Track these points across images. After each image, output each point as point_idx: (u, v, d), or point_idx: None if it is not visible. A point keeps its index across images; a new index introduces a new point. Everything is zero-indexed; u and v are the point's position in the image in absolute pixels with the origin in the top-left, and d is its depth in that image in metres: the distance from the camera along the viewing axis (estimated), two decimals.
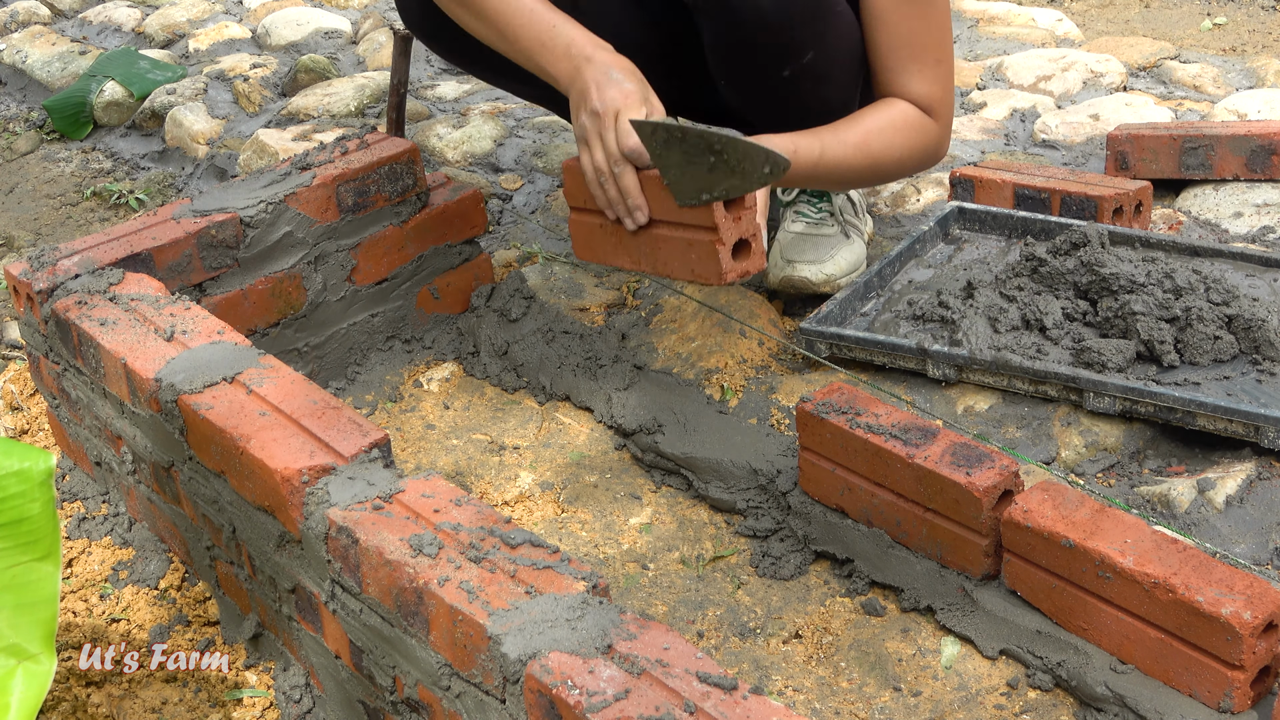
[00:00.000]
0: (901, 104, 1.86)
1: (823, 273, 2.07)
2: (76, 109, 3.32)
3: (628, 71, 1.65)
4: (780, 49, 1.81)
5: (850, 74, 1.91)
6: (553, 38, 1.69)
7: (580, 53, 1.67)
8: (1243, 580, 1.33)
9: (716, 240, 1.58)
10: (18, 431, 2.05)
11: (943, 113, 1.87)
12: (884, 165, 1.84)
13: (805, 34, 1.79)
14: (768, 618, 1.62)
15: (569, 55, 1.67)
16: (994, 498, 1.48)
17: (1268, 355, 1.77)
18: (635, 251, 1.70)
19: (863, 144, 1.80)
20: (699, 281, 1.63)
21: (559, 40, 1.68)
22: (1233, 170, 2.37)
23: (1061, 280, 1.90)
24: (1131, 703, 1.38)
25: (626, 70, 1.65)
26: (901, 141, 1.84)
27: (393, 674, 1.33)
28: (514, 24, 1.72)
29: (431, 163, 2.75)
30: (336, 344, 2.06)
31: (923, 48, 1.83)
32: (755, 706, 1.06)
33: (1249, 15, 3.94)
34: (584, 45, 1.67)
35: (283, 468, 1.38)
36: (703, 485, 1.79)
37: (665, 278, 1.65)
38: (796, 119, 1.98)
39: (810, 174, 1.75)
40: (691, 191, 1.57)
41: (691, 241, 1.61)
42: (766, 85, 1.90)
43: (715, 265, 1.60)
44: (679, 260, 1.64)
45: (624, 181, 1.63)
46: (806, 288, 2.08)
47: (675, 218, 1.62)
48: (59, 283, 1.77)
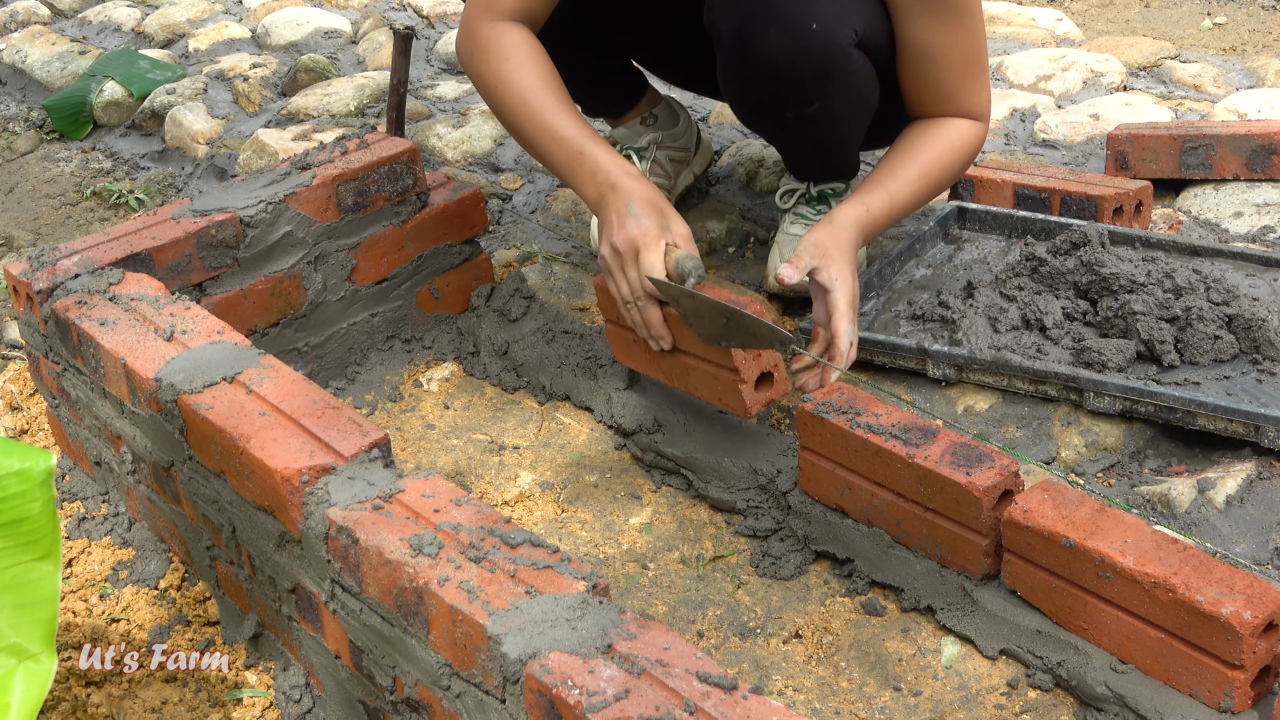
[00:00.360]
0: (952, 122, 1.89)
1: None
2: (76, 109, 3.32)
3: (647, 204, 1.69)
4: (786, 97, 1.84)
5: (859, 120, 1.94)
6: (580, 164, 1.75)
7: (605, 180, 1.72)
8: (1243, 580, 1.33)
9: (738, 379, 1.66)
10: (18, 431, 2.05)
11: (988, 111, 1.91)
12: (944, 184, 1.90)
13: (813, 90, 1.82)
14: (768, 618, 1.62)
15: (595, 181, 1.73)
16: (994, 498, 1.48)
17: (1268, 355, 1.77)
18: (668, 369, 1.78)
19: (923, 175, 1.85)
20: (727, 409, 1.72)
21: (585, 166, 1.75)
22: (1233, 170, 2.37)
23: (1061, 280, 1.90)
24: (1131, 702, 1.38)
25: (646, 203, 1.69)
26: (957, 158, 1.89)
27: (393, 674, 1.33)
28: (548, 149, 1.79)
29: (431, 163, 2.75)
30: (336, 344, 2.06)
31: (974, 63, 1.86)
32: (755, 706, 1.06)
33: (1249, 15, 3.94)
34: (609, 171, 1.72)
35: (283, 468, 1.38)
36: (703, 485, 1.79)
37: (696, 398, 1.77)
38: (800, 147, 2.02)
39: (885, 223, 1.83)
40: (711, 336, 1.65)
41: (717, 375, 1.70)
42: (770, 119, 1.94)
43: (740, 400, 1.69)
44: (707, 388, 1.73)
45: (647, 314, 1.71)
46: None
47: (699, 352, 1.70)
48: (59, 282, 1.77)
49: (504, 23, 1.82)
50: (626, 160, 1.76)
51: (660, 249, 1.67)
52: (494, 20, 1.82)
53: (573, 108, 1.80)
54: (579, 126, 1.77)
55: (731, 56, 1.85)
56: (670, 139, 2.35)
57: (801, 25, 1.75)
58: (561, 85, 1.81)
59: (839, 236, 1.76)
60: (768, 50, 1.77)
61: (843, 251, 1.74)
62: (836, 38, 1.76)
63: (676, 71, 2.30)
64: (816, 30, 1.75)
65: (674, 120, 2.37)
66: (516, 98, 1.80)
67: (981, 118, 1.90)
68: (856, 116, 1.91)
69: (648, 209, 1.68)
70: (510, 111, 1.81)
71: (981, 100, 1.89)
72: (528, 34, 1.83)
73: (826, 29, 1.75)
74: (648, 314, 1.70)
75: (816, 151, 2.03)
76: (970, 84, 1.86)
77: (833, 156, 2.04)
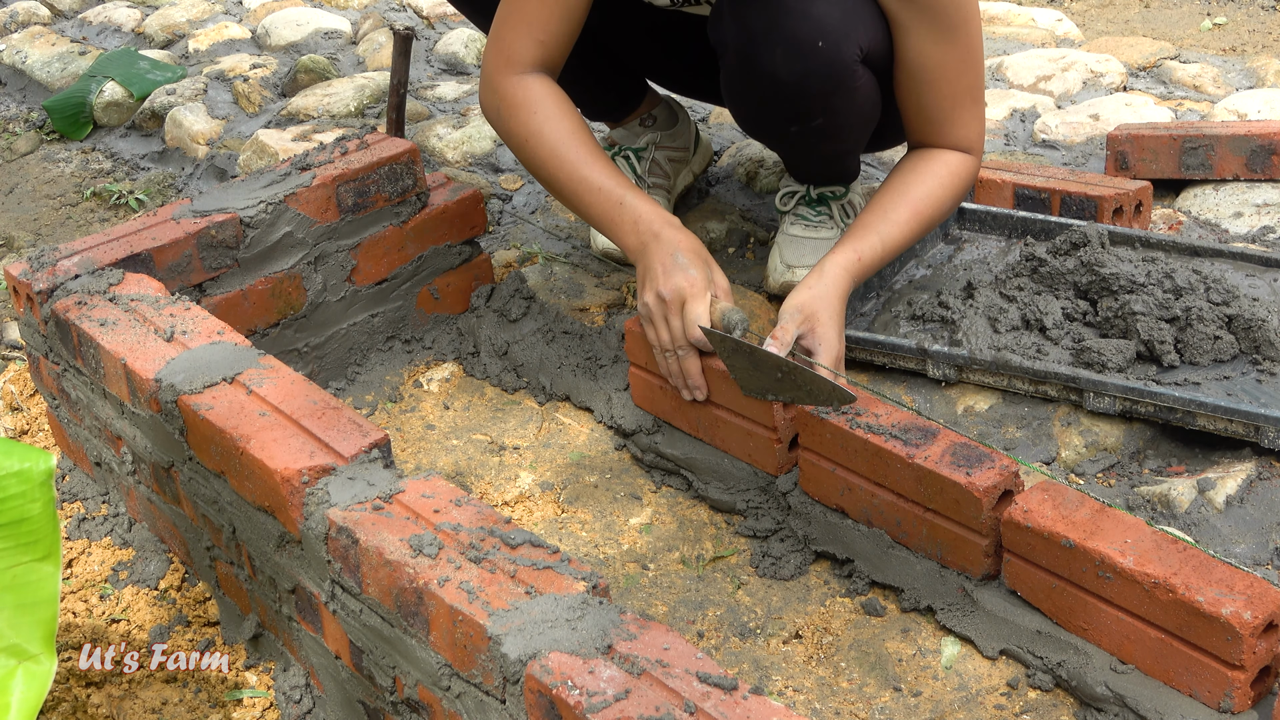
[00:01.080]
0: (941, 156, 1.87)
1: None
2: (76, 109, 3.31)
3: (693, 255, 1.71)
4: (790, 111, 1.84)
5: (859, 134, 1.95)
6: (620, 214, 1.78)
7: (648, 229, 1.74)
8: (1243, 580, 1.33)
9: (774, 438, 1.67)
10: (18, 431, 2.05)
11: (980, 145, 1.90)
12: (935, 221, 1.88)
13: (817, 105, 1.82)
14: (768, 618, 1.62)
15: (636, 231, 1.76)
16: (994, 498, 1.48)
17: (1268, 355, 1.77)
18: (693, 419, 1.79)
19: (914, 215, 1.84)
20: (755, 465, 1.73)
21: (625, 217, 1.77)
22: (1233, 170, 2.37)
23: (1061, 280, 1.90)
24: (1131, 703, 1.38)
25: (692, 253, 1.71)
26: (947, 195, 1.87)
27: (393, 674, 1.33)
28: (584, 199, 1.81)
29: (431, 163, 2.75)
30: (336, 344, 2.06)
31: (967, 92, 1.85)
32: (755, 706, 1.06)
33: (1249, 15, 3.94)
34: (651, 221, 1.75)
35: (283, 468, 1.38)
36: (702, 486, 1.79)
37: (721, 450, 1.77)
38: (802, 155, 2.02)
39: (876, 267, 1.82)
40: (756, 389, 1.66)
41: (750, 431, 1.71)
42: (774, 133, 1.94)
43: (772, 458, 1.70)
44: (736, 442, 1.74)
45: (687, 365, 1.72)
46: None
47: (735, 406, 1.71)
48: (59, 283, 1.77)
49: (528, 76, 1.84)
50: (666, 210, 1.78)
51: (707, 300, 1.69)
52: (517, 74, 1.84)
53: (605, 157, 1.82)
54: (616, 177, 1.80)
55: (737, 73, 1.85)
56: (669, 139, 2.35)
57: (808, 44, 1.74)
58: (591, 135, 1.83)
59: (827, 294, 1.74)
60: (774, 69, 1.77)
61: (829, 312, 1.72)
62: (842, 56, 1.75)
63: (677, 81, 2.30)
64: (823, 49, 1.74)
65: (672, 120, 2.37)
66: (549, 151, 1.82)
67: (973, 150, 1.88)
68: (860, 128, 1.92)
69: (694, 260, 1.70)
70: (543, 165, 1.83)
71: (973, 132, 1.87)
72: (552, 85, 1.85)
73: (833, 47, 1.74)
74: (687, 364, 1.72)
75: (818, 158, 2.03)
76: (962, 114, 1.85)
77: (834, 163, 2.05)
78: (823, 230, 2.11)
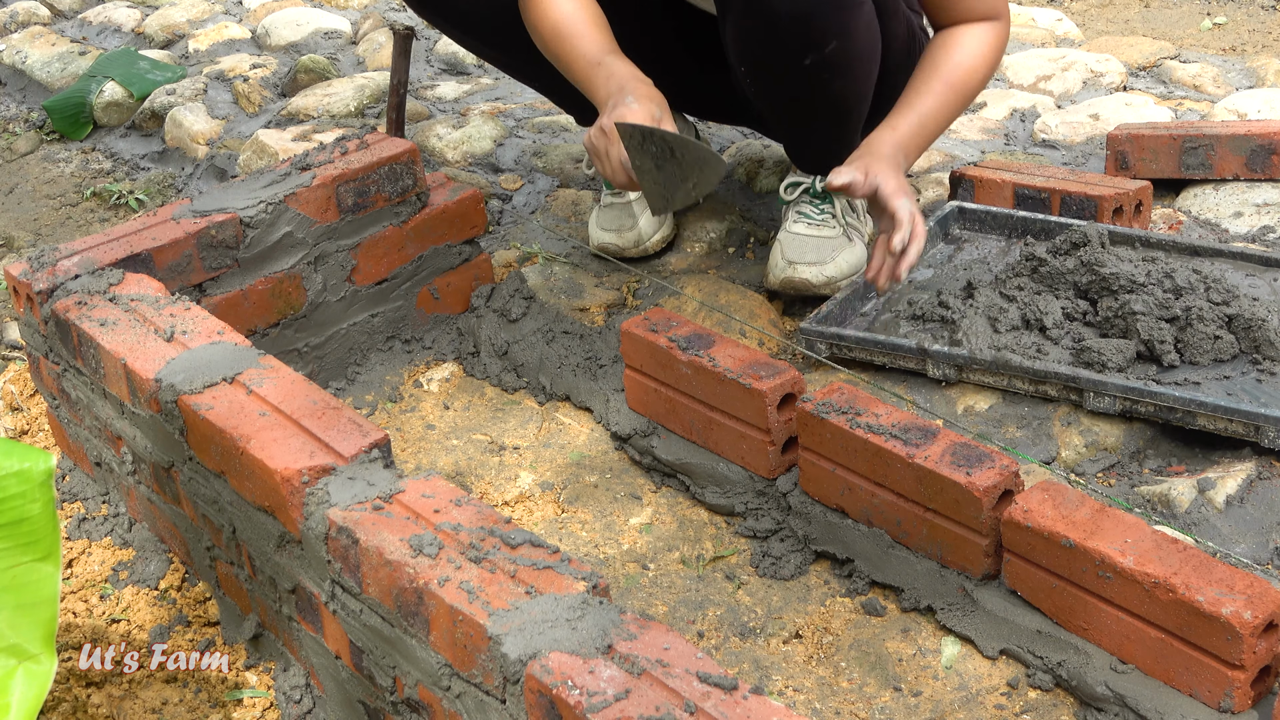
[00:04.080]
0: (968, 29, 1.91)
1: (823, 275, 2.07)
2: (76, 109, 3.31)
3: (642, 96, 1.78)
4: (803, 37, 1.82)
5: (869, 69, 1.95)
6: (596, 73, 1.89)
7: (617, 83, 1.85)
8: (1243, 580, 1.33)
9: (767, 441, 1.68)
10: (18, 431, 2.05)
11: (1006, 10, 1.93)
12: (971, 89, 1.92)
13: (829, 23, 1.82)
14: (768, 618, 1.62)
15: (607, 86, 1.86)
16: (994, 498, 1.48)
17: (1268, 355, 1.77)
18: (688, 422, 1.80)
19: (948, 86, 1.89)
20: (749, 468, 1.74)
21: (600, 74, 1.88)
22: (1233, 170, 2.37)
23: (1061, 280, 1.90)
24: (1132, 703, 1.38)
25: (641, 95, 1.78)
26: (979, 64, 1.91)
27: (393, 674, 1.33)
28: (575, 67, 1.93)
29: (431, 163, 2.75)
30: (336, 344, 2.06)
31: None
32: (755, 706, 1.06)
33: (1249, 15, 3.94)
34: (622, 77, 1.85)
35: (283, 468, 1.38)
36: (699, 490, 1.79)
37: (715, 453, 1.79)
38: (814, 114, 1.99)
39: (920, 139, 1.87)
40: (661, 199, 1.71)
41: (744, 434, 1.71)
42: (787, 76, 1.90)
43: (765, 461, 1.71)
44: (730, 445, 1.75)
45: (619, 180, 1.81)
46: (807, 289, 2.08)
47: (730, 409, 1.71)
48: (59, 283, 1.77)
49: None
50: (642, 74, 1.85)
51: None
52: None
53: (601, 33, 1.92)
54: (604, 45, 1.89)
55: (743, 8, 1.84)
56: None
57: None
58: (599, 15, 1.94)
59: (878, 150, 1.82)
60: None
61: (883, 159, 1.79)
62: None
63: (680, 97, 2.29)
64: None
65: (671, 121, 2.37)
66: (551, 27, 1.94)
67: (999, 16, 1.91)
68: (866, 63, 1.93)
69: (642, 98, 1.77)
70: (546, 39, 1.95)
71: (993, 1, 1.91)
72: None
73: None
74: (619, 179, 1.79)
75: (827, 114, 2.00)
76: None
77: (841, 124, 2.02)
78: (825, 229, 2.11)
